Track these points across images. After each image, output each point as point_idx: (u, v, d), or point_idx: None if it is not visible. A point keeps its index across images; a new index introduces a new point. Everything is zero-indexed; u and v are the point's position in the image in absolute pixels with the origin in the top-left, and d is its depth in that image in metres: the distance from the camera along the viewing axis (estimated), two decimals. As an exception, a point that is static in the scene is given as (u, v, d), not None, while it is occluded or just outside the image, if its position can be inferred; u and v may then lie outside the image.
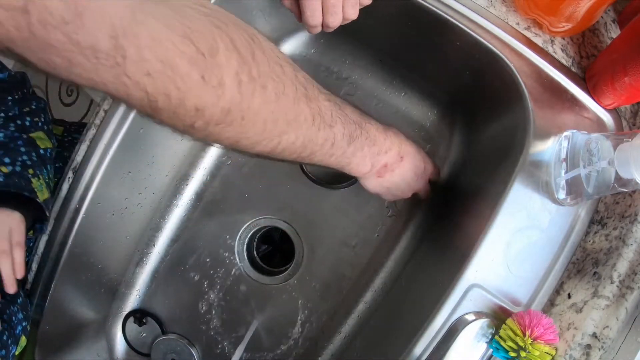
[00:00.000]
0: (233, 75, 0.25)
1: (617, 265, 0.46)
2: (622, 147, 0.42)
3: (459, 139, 0.69)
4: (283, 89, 0.29)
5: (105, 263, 0.67)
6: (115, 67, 0.21)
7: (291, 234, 0.71)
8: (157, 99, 0.23)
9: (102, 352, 0.71)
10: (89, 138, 0.58)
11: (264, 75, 0.27)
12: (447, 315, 0.49)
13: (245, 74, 0.25)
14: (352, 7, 0.41)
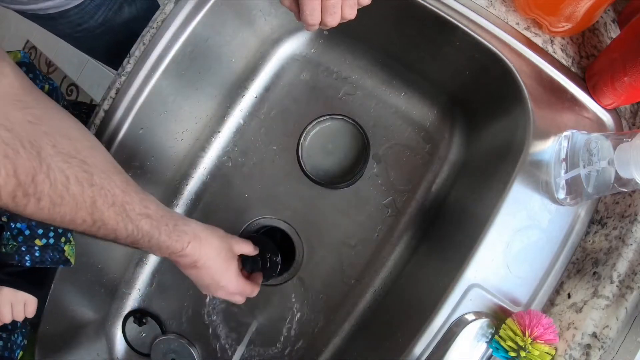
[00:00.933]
0: (7, 194, 0.33)
1: (617, 265, 0.46)
2: (622, 147, 0.42)
3: (459, 138, 0.69)
4: (61, 202, 0.36)
5: (105, 263, 0.67)
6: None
7: (291, 234, 0.71)
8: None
9: (102, 352, 0.71)
10: (89, 138, 0.58)
11: (41, 192, 0.35)
12: (447, 315, 0.49)
13: (20, 192, 0.34)
14: (351, 8, 0.43)
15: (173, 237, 0.46)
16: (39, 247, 0.53)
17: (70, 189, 0.37)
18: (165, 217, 0.46)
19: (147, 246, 0.45)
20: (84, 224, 0.39)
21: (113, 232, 0.41)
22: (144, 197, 0.44)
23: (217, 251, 0.51)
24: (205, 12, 0.58)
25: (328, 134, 0.59)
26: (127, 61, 0.58)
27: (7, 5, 0.65)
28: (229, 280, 0.54)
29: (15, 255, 0.52)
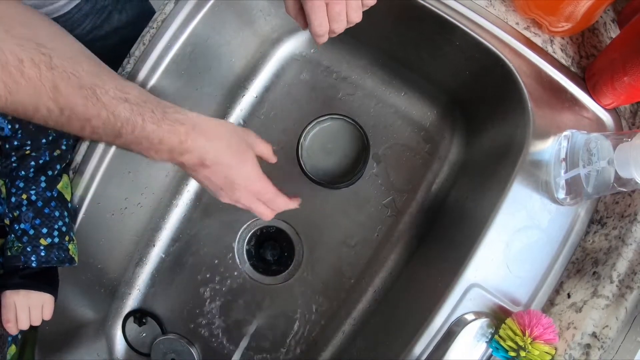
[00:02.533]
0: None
1: (617, 264, 0.46)
2: (622, 146, 0.42)
3: (459, 138, 0.69)
4: (17, 88, 0.34)
5: (105, 263, 0.67)
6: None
7: (291, 234, 0.71)
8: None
9: (102, 352, 0.71)
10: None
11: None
12: (447, 315, 0.49)
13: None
14: (356, 11, 0.42)
15: (163, 126, 0.39)
16: (44, 246, 0.53)
17: (26, 72, 0.34)
18: (150, 103, 0.40)
19: (135, 141, 0.39)
20: (50, 114, 0.36)
21: (87, 122, 0.37)
22: (123, 82, 0.39)
23: (227, 142, 0.43)
24: (205, 12, 0.58)
25: (328, 134, 0.59)
26: (127, 61, 0.58)
27: None
28: (247, 176, 0.45)
29: (21, 256, 0.52)
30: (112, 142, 0.39)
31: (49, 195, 0.54)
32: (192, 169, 0.43)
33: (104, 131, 0.38)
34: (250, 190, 0.46)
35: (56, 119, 0.36)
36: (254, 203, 0.48)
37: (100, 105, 0.37)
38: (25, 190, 0.52)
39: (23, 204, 0.52)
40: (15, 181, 0.53)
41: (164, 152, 0.41)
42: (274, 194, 0.48)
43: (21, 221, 0.52)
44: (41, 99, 0.35)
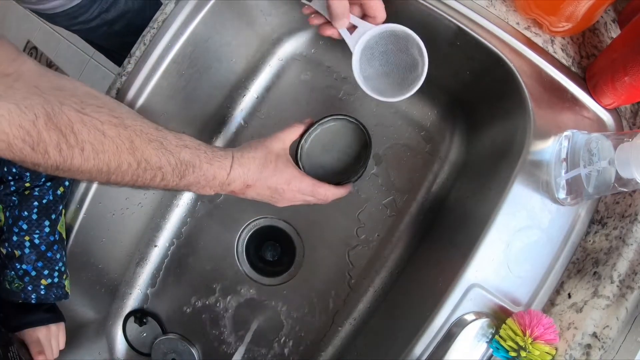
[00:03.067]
0: (54, 147, 0.37)
1: (617, 265, 0.46)
2: (623, 146, 0.42)
3: (459, 138, 0.69)
4: (102, 148, 0.39)
5: (106, 263, 0.67)
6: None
7: (291, 234, 0.71)
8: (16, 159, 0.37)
9: (103, 352, 0.71)
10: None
11: (82, 141, 0.38)
12: (447, 315, 0.49)
13: (64, 144, 0.37)
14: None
15: (214, 163, 0.46)
16: (45, 285, 0.55)
17: (107, 132, 0.39)
18: (202, 145, 0.47)
19: (194, 180, 0.45)
20: (129, 168, 0.41)
21: (159, 170, 0.42)
22: (177, 133, 0.46)
23: (259, 161, 0.50)
24: (205, 12, 0.58)
25: (329, 134, 0.59)
26: (128, 61, 0.58)
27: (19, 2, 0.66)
28: (285, 179, 0.51)
29: (22, 294, 0.54)
30: (176, 186, 0.45)
31: (52, 239, 0.55)
32: (242, 192, 0.51)
33: (172, 176, 0.44)
34: (293, 189, 0.52)
35: (133, 172, 0.41)
36: (305, 198, 0.54)
37: (168, 153, 0.43)
38: (28, 233, 0.54)
39: (26, 246, 0.54)
40: (18, 222, 0.54)
41: (216, 186, 0.48)
42: (314, 186, 0.53)
43: (23, 262, 0.54)
44: (122, 155, 0.40)
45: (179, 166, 0.44)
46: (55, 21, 0.72)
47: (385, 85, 0.49)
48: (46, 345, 0.56)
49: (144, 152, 0.41)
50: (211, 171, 0.46)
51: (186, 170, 0.44)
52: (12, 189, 0.53)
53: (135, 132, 0.41)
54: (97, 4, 0.70)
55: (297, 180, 0.52)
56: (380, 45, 0.48)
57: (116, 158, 0.40)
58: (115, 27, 0.75)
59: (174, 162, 0.43)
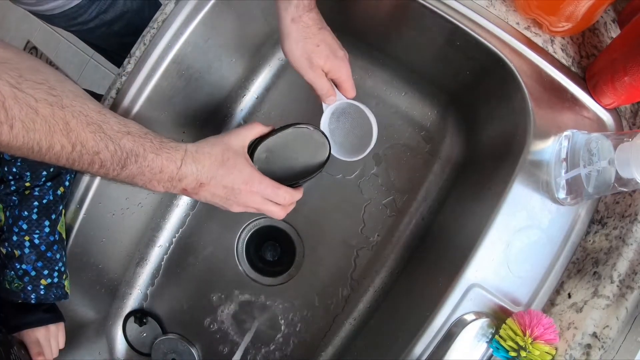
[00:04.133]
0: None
1: (617, 264, 0.46)
2: (623, 146, 0.42)
3: (459, 138, 0.69)
4: (33, 126, 0.36)
5: (106, 263, 0.67)
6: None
7: (291, 234, 0.71)
8: None
9: (103, 352, 0.71)
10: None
11: (12, 118, 0.36)
12: (447, 315, 0.49)
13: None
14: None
15: (162, 154, 0.43)
16: (44, 285, 0.55)
17: (40, 111, 0.37)
18: (149, 135, 0.43)
19: (137, 172, 0.42)
20: (63, 150, 0.38)
21: (96, 155, 0.40)
22: (123, 119, 0.43)
23: (215, 157, 0.46)
24: (205, 12, 0.58)
25: (288, 142, 0.54)
26: (128, 61, 0.58)
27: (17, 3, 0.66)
28: (243, 179, 0.47)
29: (21, 293, 0.54)
30: (117, 176, 0.42)
31: (52, 239, 0.55)
32: (195, 191, 0.47)
33: (111, 163, 0.41)
34: (252, 191, 0.48)
35: (68, 155, 0.39)
36: (263, 204, 0.50)
37: (107, 138, 0.40)
38: (28, 233, 0.54)
39: (25, 246, 0.54)
40: (18, 221, 0.54)
41: (165, 181, 0.44)
42: (274, 187, 0.49)
43: (23, 262, 0.54)
44: (55, 136, 0.38)
45: (119, 153, 0.40)
46: (54, 22, 0.72)
47: (345, 143, 0.59)
48: (45, 345, 0.56)
49: (79, 135, 0.39)
50: (157, 162, 0.43)
51: (127, 159, 0.41)
52: (12, 188, 0.53)
53: (73, 114, 0.38)
54: (95, 4, 0.70)
55: (257, 180, 0.48)
56: (347, 113, 0.58)
57: (48, 138, 0.37)
58: (113, 27, 0.75)
59: (113, 148, 0.40)
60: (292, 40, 0.49)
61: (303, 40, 0.49)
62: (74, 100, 0.39)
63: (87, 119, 0.39)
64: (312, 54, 0.50)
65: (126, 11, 0.74)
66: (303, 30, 0.49)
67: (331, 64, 0.51)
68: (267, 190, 0.49)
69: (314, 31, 0.50)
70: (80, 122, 0.39)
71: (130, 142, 0.41)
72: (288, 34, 0.49)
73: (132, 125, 0.43)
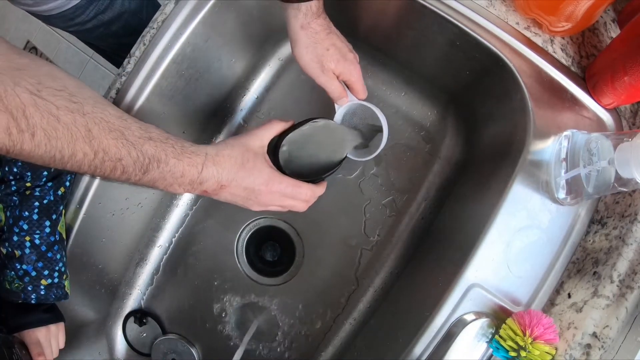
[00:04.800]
0: (2, 129, 0.34)
1: (617, 264, 0.46)
2: (622, 146, 0.42)
3: (459, 138, 0.69)
4: (55, 134, 0.36)
5: (106, 263, 0.67)
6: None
7: (291, 234, 0.71)
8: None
9: (103, 352, 0.71)
10: (90, 138, 0.58)
11: (34, 126, 0.35)
12: (447, 315, 0.49)
13: (14, 128, 0.35)
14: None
15: (184, 159, 0.43)
16: (45, 286, 0.55)
17: (62, 118, 0.36)
18: (170, 140, 0.44)
19: (159, 176, 0.42)
20: (85, 157, 0.38)
21: (119, 162, 0.40)
22: (144, 124, 0.43)
23: (235, 159, 0.47)
24: (205, 12, 0.58)
25: (308, 137, 0.54)
26: (128, 61, 0.58)
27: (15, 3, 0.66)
28: (263, 180, 0.48)
29: (22, 294, 0.54)
30: (139, 180, 0.42)
31: (53, 240, 0.55)
32: (215, 192, 0.47)
33: (134, 169, 0.41)
34: (272, 191, 0.49)
35: (90, 162, 0.39)
36: (283, 201, 0.50)
37: (129, 144, 0.40)
38: (29, 233, 0.54)
39: (26, 246, 0.54)
40: (19, 222, 0.54)
41: (186, 185, 0.45)
42: (295, 186, 0.50)
43: (23, 262, 0.54)
44: (77, 144, 0.37)
45: (142, 159, 0.41)
46: (52, 22, 0.72)
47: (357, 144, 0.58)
48: (46, 345, 0.56)
49: (102, 142, 0.38)
50: (179, 167, 0.43)
51: (150, 165, 0.41)
52: (12, 188, 0.53)
53: (94, 120, 0.38)
54: (93, 5, 0.70)
55: (276, 181, 0.49)
56: (358, 113, 0.58)
57: (70, 146, 0.37)
58: (112, 28, 0.75)
59: (135, 155, 0.40)
60: (302, 46, 0.51)
61: (313, 45, 0.51)
62: (95, 106, 0.39)
63: (109, 126, 0.39)
64: (322, 57, 0.51)
65: (124, 12, 0.74)
66: (312, 36, 0.50)
67: (342, 67, 0.52)
68: (288, 190, 0.49)
69: (322, 36, 0.51)
70: (102, 129, 0.39)
71: (153, 148, 0.41)
72: (297, 40, 0.51)
73: (153, 130, 0.43)
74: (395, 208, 0.70)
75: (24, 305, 0.55)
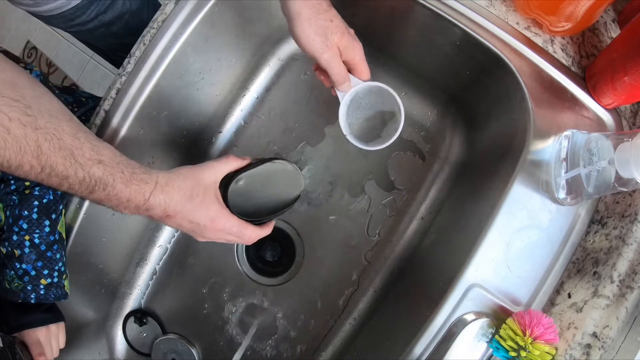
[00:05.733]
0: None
1: (617, 264, 0.46)
2: (622, 146, 0.42)
3: (459, 138, 0.69)
4: (4, 144, 0.36)
5: (106, 263, 0.67)
6: None
7: (291, 234, 0.71)
8: None
9: (103, 352, 0.71)
10: (90, 138, 0.58)
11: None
12: (448, 315, 0.49)
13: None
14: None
15: (132, 186, 0.43)
16: (44, 285, 0.55)
17: (12, 131, 0.36)
18: (121, 165, 0.43)
19: (105, 198, 0.43)
20: (32, 170, 0.38)
21: (65, 180, 0.40)
22: (98, 145, 0.42)
23: (184, 191, 0.46)
24: (205, 12, 0.58)
25: (262, 176, 0.54)
26: (128, 61, 0.58)
27: (15, 3, 0.66)
28: (209, 216, 0.48)
29: (21, 293, 0.54)
30: (85, 197, 0.42)
31: (52, 239, 0.55)
32: (162, 219, 0.47)
33: (79, 187, 0.41)
34: (217, 229, 0.49)
35: (36, 175, 0.39)
36: (227, 237, 0.50)
37: (77, 165, 0.40)
38: (28, 233, 0.54)
39: (25, 245, 0.54)
40: (19, 221, 0.54)
41: (131, 209, 0.45)
42: (240, 227, 0.50)
43: (23, 262, 0.54)
44: (25, 157, 0.38)
45: (88, 180, 0.41)
46: (52, 23, 0.72)
47: (367, 133, 0.55)
48: (46, 345, 0.56)
49: (50, 159, 0.39)
50: (125, 193, 0.43)
51: (96, 186, 0.41)
52: (12, 187, 0.53)
53: (45, 136, 0.38)
54: (94, 5, 0.70)
55: (223, 219, 0.49)
56: (365, 99, 0.54)
57: (18, 157, 0.37)
58: (112, 28, 0.75)
59: (82, 176, 0.40)
60: (303, 19, 0.46)
61: (315, 16, 0.46)
62: (49, 121, 0.39)
63: (60, 143, 0.39)
64: (326, 30, 0.47)
65: (125, 12, 0.74)
66: (314, 7, 0.46)
67: (347, 41, 0.48)
68: (234, 230, 0.50)
69: (325, 7, 0.47)
70: (52, 146, 0.39)
71: (100, 171, 0.41)
72: (298, 14, 0.46)
73: (106, 153, 0.43)
74: (395, 208, 0.70)
75: (24, 305, 0.55)
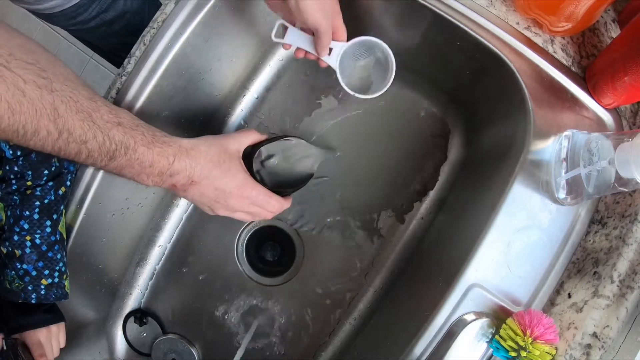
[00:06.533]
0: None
1: (618, 264, 0.46)
2: (623, 146, 0.42)
3: (459, 138, 0.69)
4: (19, 108, 0.34)
5: (106, 263, 0.67)
6: None
7: (291, 234, 0.71)
8: None
9: (103, 352, 0.71)
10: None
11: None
12: (447, 315, 0.49)
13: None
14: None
15: (154, 148, 0.41)
16: (45, 285, 0.55)
17: (28, 93, 0.35)
18: (141, 127, 0.42)
19: (126, 164, 0.40)
20: (49, 136, 0.36)
21: (84, 145, 0.38)
22: (115, 108, 0.41)
23: (211, 157, 0.45)
24: (205, 12, 0.58)
25: (284, 151, 0.55)
26: (128, 61, 0.58)
27: (16, 2, 0.66)
28: (236, 183, 0.46)
29: (22, 293, 0.54)
30: (105, 166, 0.40)
31: (53, 239, 0.55)
32: (183, 188, 0.45)
33: (99, 154, 0.39)
34: (242, 196, 0.47)
35: (54, 142, 0.37)
36: (251, 208, 0.49)
37: (96, 127, 0.38)
38: (29, 233, 0.54)
39: (26, 245, 0.54)
40: (20, 221, 0.53)
41: (154, 175, 0.43)
42: (266, 195, 0.49)
43: (24, 262, 0.54)
44: (42, 120, 0.36)
45: (108, 144, 0.39)
46: (53, 21, 0.72)
47: (367, 85, 0.56)
48: (47, 346, 0.56)
49: (67, 122, 0.37)
50: (148, 157, 0.41)
51: (117, 151, 0.39)
52: (13, 187, 0.53)
53: (62, 99, 0.37)
54: (95, 4, 0.70)
55: (249, 187, 0.47)
56: (354, 56, 0.55)
57: (34, 122, 0.35)
58: (114, 27, 0.75)
59: (102, 139, 0.38)
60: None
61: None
62: (64, 84, 0.38)
63: (77, 106, 0.38)
64: (324, 3, 0.46)
65: (126, 11, 0.74)
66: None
67: (337, 10, 0.48)
68: (259, 197, 0.48)
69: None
70: (69, 108, 0.37)
71: (121, 134, 0.40)
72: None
73: (124, 116, 0.41)
74: (395, 208, 0.70)
75: (24, 306, 0.55)
